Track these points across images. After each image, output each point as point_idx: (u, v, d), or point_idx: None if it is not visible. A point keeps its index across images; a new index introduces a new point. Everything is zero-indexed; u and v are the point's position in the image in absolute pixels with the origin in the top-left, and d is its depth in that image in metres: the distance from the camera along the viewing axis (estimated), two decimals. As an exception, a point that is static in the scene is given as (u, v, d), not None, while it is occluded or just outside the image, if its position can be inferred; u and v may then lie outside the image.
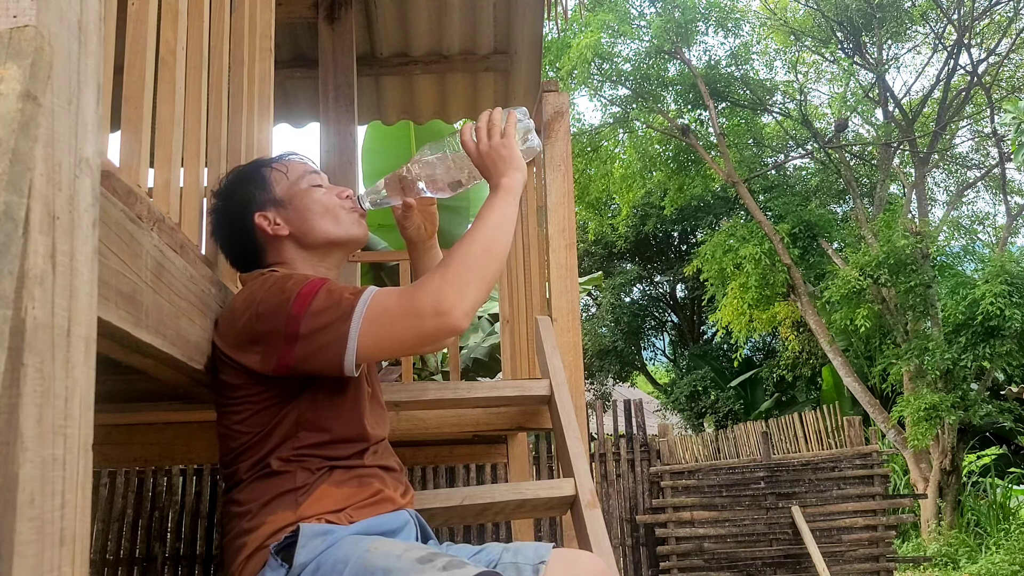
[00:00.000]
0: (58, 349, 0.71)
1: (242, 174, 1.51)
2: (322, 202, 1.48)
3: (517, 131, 1.46)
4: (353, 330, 1.24)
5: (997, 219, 14.89)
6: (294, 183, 1.49)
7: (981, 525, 9.12)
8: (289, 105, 4.28)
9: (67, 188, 0.75)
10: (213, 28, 1.61)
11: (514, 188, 1.40)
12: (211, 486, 5.75)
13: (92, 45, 0.81)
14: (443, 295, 1.24)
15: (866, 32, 11.75)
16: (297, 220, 1.46)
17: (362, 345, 1.24)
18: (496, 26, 3.86)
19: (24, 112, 0.69)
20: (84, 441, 0.75)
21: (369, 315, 1.24)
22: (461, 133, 1.45)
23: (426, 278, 1.28)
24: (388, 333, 1.25)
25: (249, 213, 1.45)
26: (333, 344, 1.24)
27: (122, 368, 1.21)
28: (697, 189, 12.52)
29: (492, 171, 1.41)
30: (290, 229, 1.45)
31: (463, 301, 1.24)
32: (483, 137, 1.43)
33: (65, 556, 0.70)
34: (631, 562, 6.39)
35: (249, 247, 1.47)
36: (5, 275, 0.65)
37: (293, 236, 1.46)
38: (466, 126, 1.46)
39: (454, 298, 1.24)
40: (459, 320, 1.24)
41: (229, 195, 1.49)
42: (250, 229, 1.45)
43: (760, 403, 13.82)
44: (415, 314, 1.24)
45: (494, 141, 1.42)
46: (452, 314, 1.23)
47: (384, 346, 1.27)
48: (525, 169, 1.44)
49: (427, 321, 1.23)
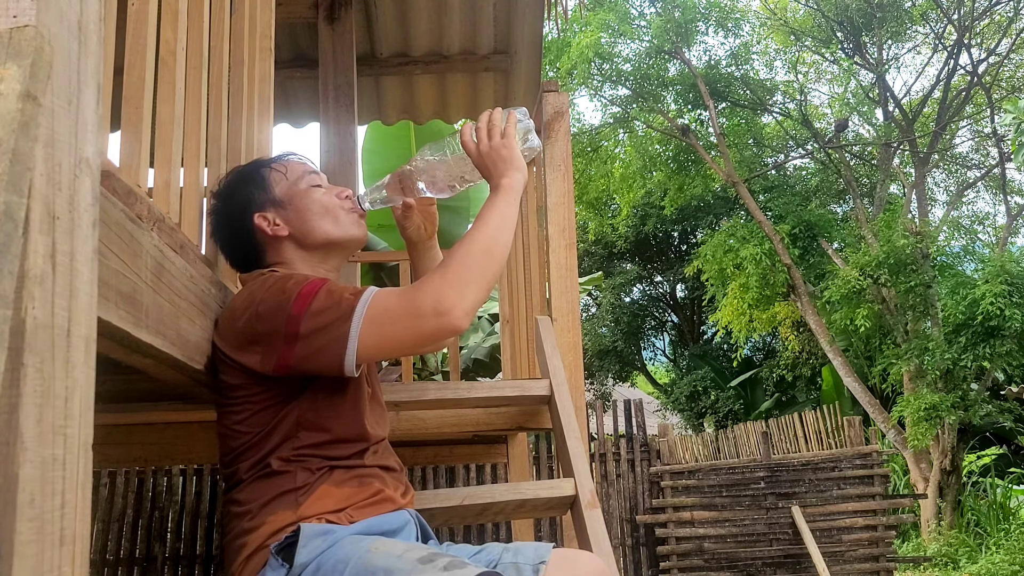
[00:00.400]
0: (58, 349, 0.71)
1: (241, 174, 1.51)
2: (321, 202, 1.48)
3: (517, 131, 1.46)
4: (353, 330, 1.24)
5: (997, 219, 14.91)
6: (293, 183, 1.49)
7: (981, 525, 9.12)
8: (289, 105, 4.28)
9: (67, 188, 0.75)
10: (213, 28, 1.61)
11: (514, 188, 1.40)
12: (211, 486, 5.75)
13: (92, 45, 0.81)
14: (443, 295, 1.24)
15: (866, 32, 11.75)
16: (297, 221, 1.46)
17: (362, 345, 1.24)
18: (496, 26, 3.86)
19: (24, 112, 0.69)
20: (84, 441, 0.75)
21: (369, 315, 1.24)
22: (461, 133, 1.45)
23: (426, 278, 1.28)
24: (388, 333, 1.25)
25: (249, 214, 1.45)
26: (333, 344, 1.24)
27: (122, 368, 1.21)
28: (697, 189, 12.51)
29: (492, 171, 1.41)
30: (290, 230, 1.45)
31: (463, 301, 1.24)
32: (483, 137, 1.43)
33: (65, 556, 0.70)
34: (631, 562, 6.39)
35: (249, 248, 1.47)
36: (5, 275, 0.65)
37: (293, 237, 1.46)
38: (466, 126, 1.46)
39: (454, 298, 1.24)
40: (459, 320, 1.24)
41: (228, 196, 1.49)
42: (250, 230, 1.45)
43: (760, 403, 13.82)
44: (415, 314, 1.24)
45: (494, 141, 1.42)
46: (452, 314, 1.23)
47: (384, 346, 1.27)
48: (525, 169, 1.44)
49: (427, 321, 1.24)
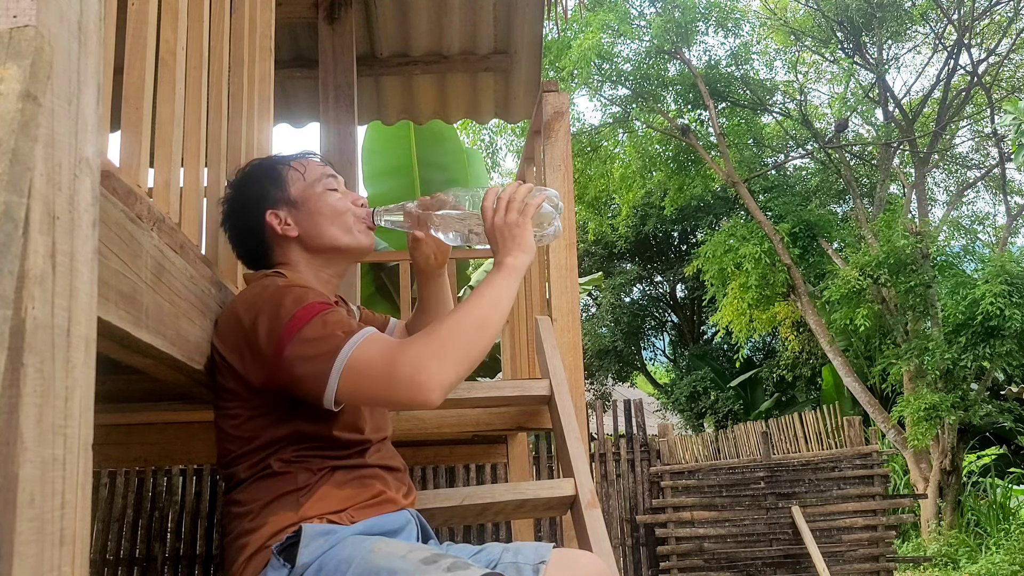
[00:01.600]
0: (58, 349, 0.71)
1: (260, 168, 1.50)
2: (335, 207, 1.46)
3: (541, 215, 1.43)
4: (334, 372, 1.21)
5: (997, 219, 14.91)
6: (310, 184, 1.48)
7: (981, 525, 9.12)
8: (289, 105, 4.28)
9: (67, 188, 0.75)
10: (213, 28, 1.61)
11: (517, 269, 1.37)
12: (211, 486, 5.75)
13: (92, 45, 0.81)
14: (424, 365, 1.19)
15: (866, 32, 11.75)
16: (307, 223, 1.45)
17: (341, 390, 1.22)
18: (496, 26, 3.86)
19: (24, 112, 0.69)
20: (84, 441, 0.75)
21: (352, 362, 1.21)
22: (485, 196, 1.43)
23: (413, 341, 1.24)
24: (364, 388, 1.23)
25: (261, 209, 1.45)
26: (313, 379, 1.23)
27: (122, 368, 1.21)
28: (697, 189, 12.50)
29: (500, 247, 1.38)
30: (299, 231, 1.45)
31: (442, 375, 1.20)
32: (501, 209, 1.39)
33: (65, 556, 0.70)
34: (631, 562, 6.39)
35: (256, 243, 1.47)
36: (5, 275, 0.65)
37: (301, 239, 1.45)
38: (491, 190, 1.43)
39: (434, 369, 1.19)
40: (432, 397, 1.19)
41: (243, 187, 1.48)
42: (260, 225, 1.45)
43: (760, 403, 13.81)
44: (391, 379, 1.20)
45: (510, 217, 1.38)
46: (427, 388, 1.19)
47: (359, 397, 1.26)
48: (534, 252, 1.40)
49: (401, 390, 1.20)
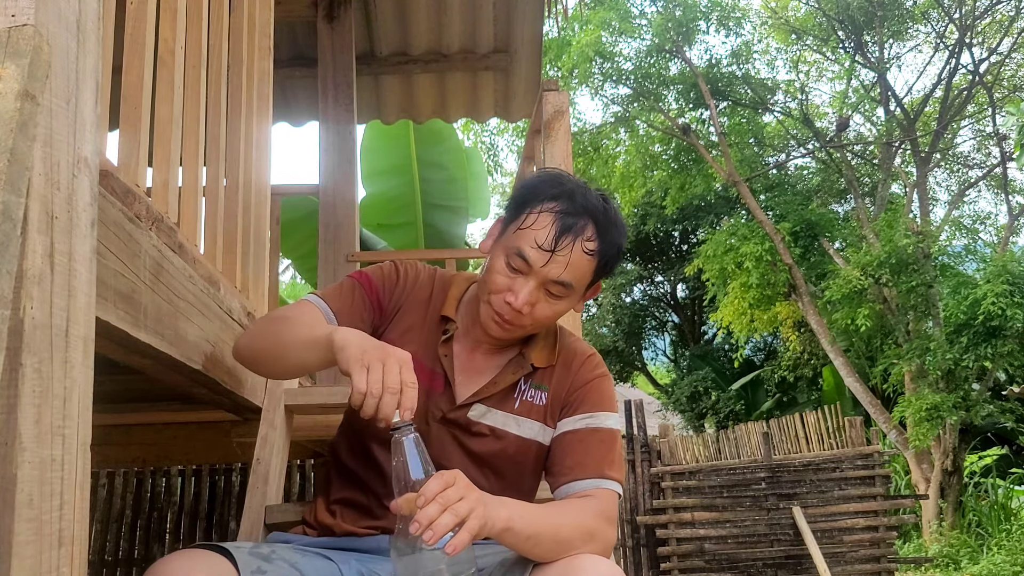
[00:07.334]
0: (56, 349, 0.71)
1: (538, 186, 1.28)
2: (496, 283, 1.23)
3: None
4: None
5: (999, 219, 14.88)
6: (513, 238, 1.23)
7: (983, 526, 9.12)
8: (288, 104, 4.28)
9: (65, 187, 0.74)
10: (212, 27, 1.61)
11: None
12: (211, 486, 5.74)
13: (90, 44, 0.81)
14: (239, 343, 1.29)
15: (867, 31, 11.74)
16: (487, 266, 1.29)
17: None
18: (496, 25, 3.86)
19: (22, 111, 0.69)
20: (82, 441, 0.75)
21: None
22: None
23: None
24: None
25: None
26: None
27: (121, 368, 1.21)
28: (698, 188, 12.49)
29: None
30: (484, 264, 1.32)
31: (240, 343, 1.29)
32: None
33: (63, 557, 0.70)
34: (632, 563, 6.39)
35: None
36: (3, 275, 0.65)
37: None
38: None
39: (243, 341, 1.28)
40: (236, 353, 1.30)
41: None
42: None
43: (761, 403, 13.80)
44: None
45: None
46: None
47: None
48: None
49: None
